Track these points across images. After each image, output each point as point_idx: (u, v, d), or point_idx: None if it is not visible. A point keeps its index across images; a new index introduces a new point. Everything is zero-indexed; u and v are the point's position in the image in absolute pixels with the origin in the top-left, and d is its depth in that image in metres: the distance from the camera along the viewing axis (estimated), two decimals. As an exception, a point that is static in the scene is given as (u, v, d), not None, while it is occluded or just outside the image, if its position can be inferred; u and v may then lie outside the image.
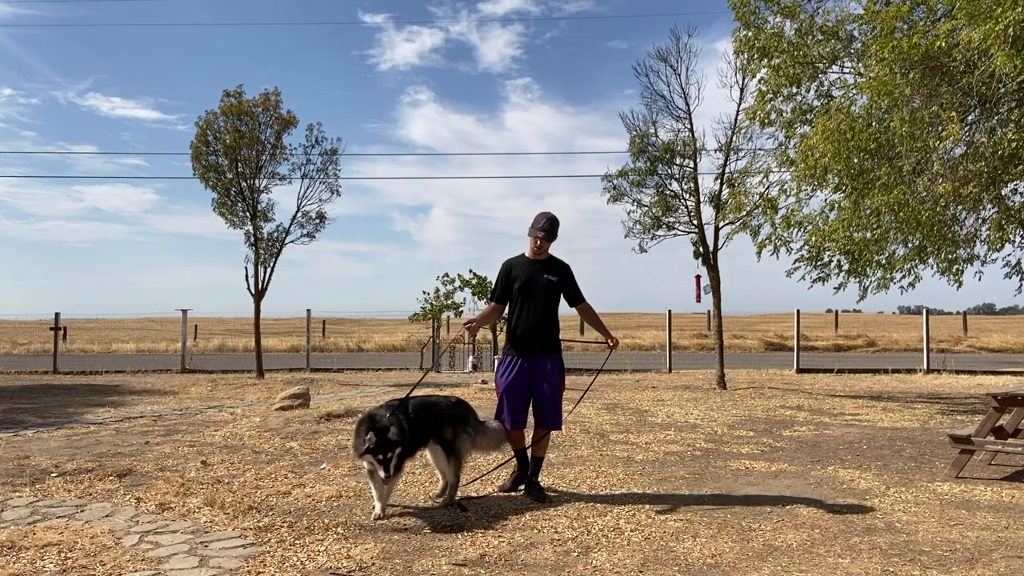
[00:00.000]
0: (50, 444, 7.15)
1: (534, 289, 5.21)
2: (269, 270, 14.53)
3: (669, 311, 18.52)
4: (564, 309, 5.51)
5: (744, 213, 11.72)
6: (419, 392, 5.59)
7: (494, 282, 5.50)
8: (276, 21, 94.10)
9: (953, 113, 7.25)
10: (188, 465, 6.11)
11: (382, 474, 4.52)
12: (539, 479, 5.27)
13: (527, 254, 5.35)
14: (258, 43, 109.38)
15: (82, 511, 4.72)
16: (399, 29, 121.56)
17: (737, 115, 12.32)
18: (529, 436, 5.39)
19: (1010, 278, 9.72)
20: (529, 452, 5.31)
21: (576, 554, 3.91)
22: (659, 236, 12.92)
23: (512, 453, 5.40)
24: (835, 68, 9.64)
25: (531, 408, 5.28)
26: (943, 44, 7.13)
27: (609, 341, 5.42)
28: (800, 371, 16.70)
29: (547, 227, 5.23)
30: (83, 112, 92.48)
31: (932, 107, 7.47)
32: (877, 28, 7.99)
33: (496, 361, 5.53)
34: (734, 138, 12.37)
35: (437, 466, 5.03)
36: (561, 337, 5.47)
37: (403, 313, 18.80)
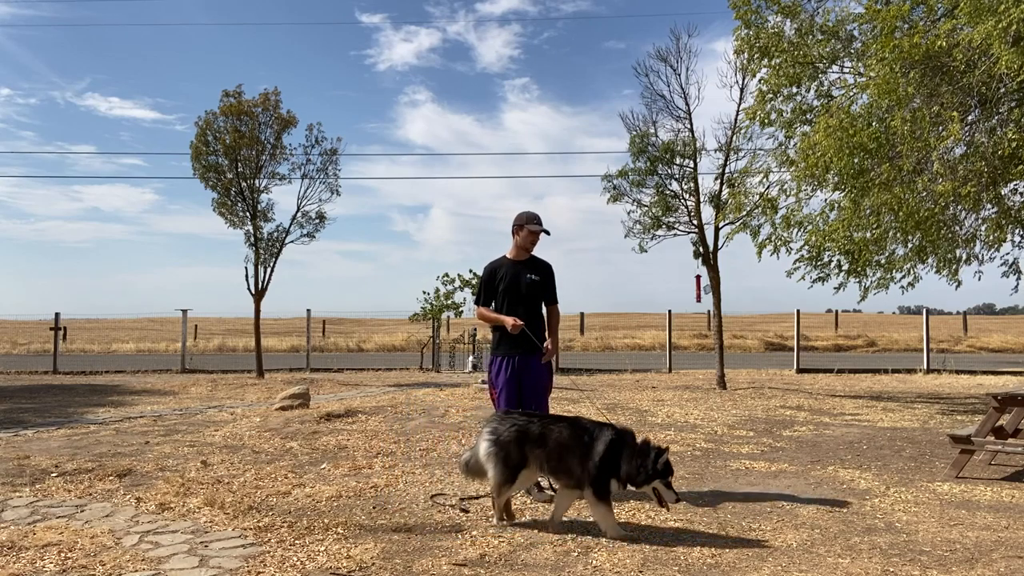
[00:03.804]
0: (50, 444, 7.15)
1: (519, 289, 5.28)
2: (269, 270, 14.54)
3: (669, 311, 18.51)
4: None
5: (744, 213, 11.72)
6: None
7: (478, 286, 5.54)
8: (274, 21, 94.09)
9: (954, 113, 7.25)
10: (188, 465, 6.11)
11: (673, 499, 4.20)
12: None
13: (509, 255, 5.40)
14: (256, 43, 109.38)
15: (82, 511, 4.72)
16: (396, 29, 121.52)
17: (737, 115, 12.32)
18: None
19: (1007, 277, 9.73)
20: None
21: (576, 554, 3.91)
22: (659, 236, 12.92)
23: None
24: (835, 68, 9.64)
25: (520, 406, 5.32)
26: (943, 44, 7.12)
27: (547, 346, 5.27)
28: (800, 371, 16.70)
29: (541, 220, 5.32)
30: (81, 112, 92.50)
31: (933, 107, 7.47)
32: (877, 28, 7.99)
33: (489, 361, 5.55)
34: (734, 138, 12.37)
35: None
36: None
37: (403, 313, 18.78)
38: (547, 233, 5.33)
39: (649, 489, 4.20)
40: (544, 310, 5.47)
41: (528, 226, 5.29)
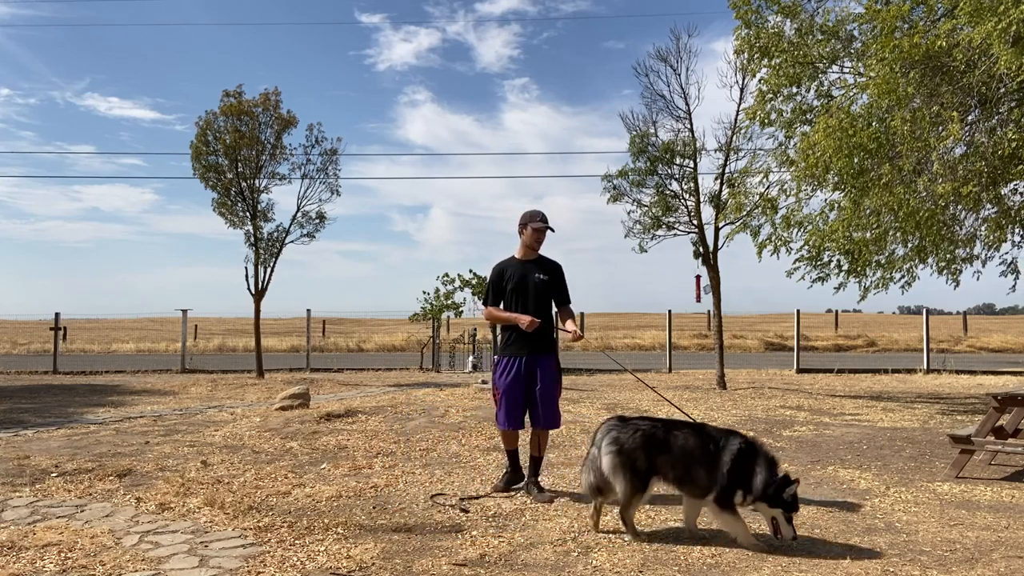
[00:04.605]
0: (50, 444, 7.15)
1: (527, 289, 5.23)
2: (269, 270, 14.53)
3: (669, 311, 18.52)
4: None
5: (744, 213, 11.72)
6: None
7: (486, 287, 5.50)
8: (274, 21, 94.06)
9: (954, 113, 7.25)
10: (188, 465, 6.11)
11: (791, 535, 3.93)
12: (539, 479, 5.28)
13: (517, 255, 5.37)
14: (256, 43, 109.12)
15: (82, 511, 4.72)
16: (396, 29, 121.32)
17: (737, 115, 12.33)
18: (526, 437, 5.40)
19: (1005, 276, 9.72)
20: (528, 453, 5.32)
21: (576, 554, 3.91)
22: (659, 236, 12.93)
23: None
24: (835, 68, 9.63)
25: (528, 408, 5.28)
26: (943, 44, 7.12)
27: (575, 331, 5.13)
28: (800, 371, 16.69)
29: (546, 217, 5.29)
30: (81, 112, 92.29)
31: (933, 107, 7.47)
32: (877, 28, 7.99)
33: (494, 361, 5.51)
34: (734, 138, 12.37)
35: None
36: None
37: (403, 313, 18.79)
38: (552, 230, 5.31)
39: (768, 514, 3.97)
40: (556, 311, 5.44)
41: (531, 224, 5.27)
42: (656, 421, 4.32)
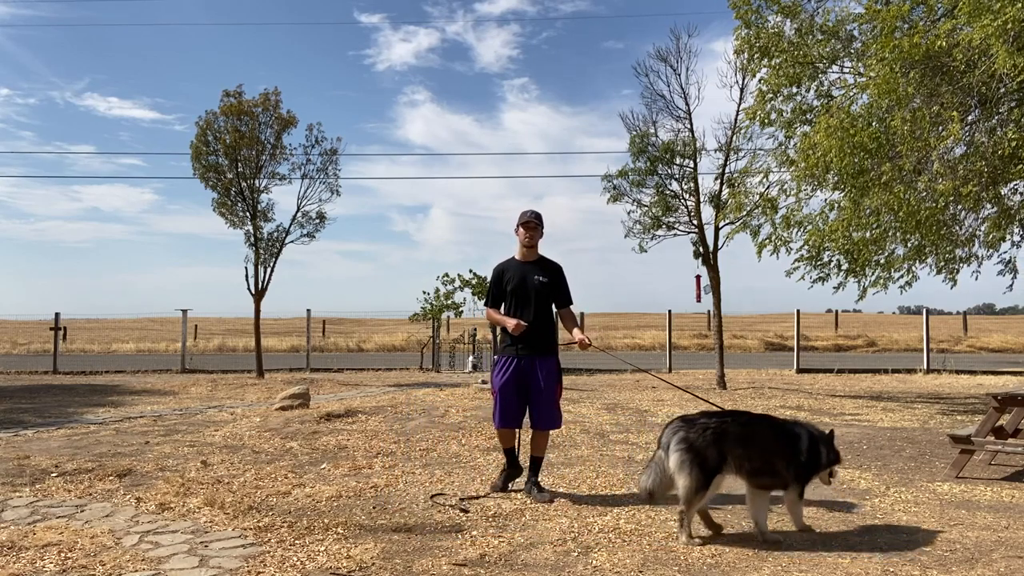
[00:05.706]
0: (50, 444, 7.15)
1: (526, 290, 5.23)
2: (269, 270, 14.54)
3: (669, 311, 18.52)
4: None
5: (744, 213, 11.73)
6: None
7: (488, 287, 5.52)
8: (274, 21, 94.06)
9: (954, 113, 7.25)
10: (188, 465, 6.11)
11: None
12: (539, 479, 5.28)
13: (517, 256, 5.38)
14: (256, 43, 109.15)
15: (82, 511, 4.72)
16: (395, 29, 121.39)
17: (737, 115, 12.34)
18: (527, 437, 5.40)
19: (1003, 275, 9.72)
20: (528, 452, 5.32)
21: (576, 554, 3.91)
22: (659, 236, 12.94)
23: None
24: (835, 68, 9.64)
25: (528, 409, 5.28)
26: (943, 44, 7.13)
27: (582, 338, 5.17)
28: (800, 371, 16.69)
29: (537, 214, 5.31)
30: (80, 112, 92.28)
31: (933, 107, 7.47)
32: (877, 28, 8.00)
33: (494, 360, 5.52)
34: (734, 138, 12.38)
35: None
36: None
37: (403, 313, 18.78)
38: (539, 224, 5.28)
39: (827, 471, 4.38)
40: (556, 312, 5.44)
41: (520, 223, 5.30)
42: (724, 415, 4.35)
